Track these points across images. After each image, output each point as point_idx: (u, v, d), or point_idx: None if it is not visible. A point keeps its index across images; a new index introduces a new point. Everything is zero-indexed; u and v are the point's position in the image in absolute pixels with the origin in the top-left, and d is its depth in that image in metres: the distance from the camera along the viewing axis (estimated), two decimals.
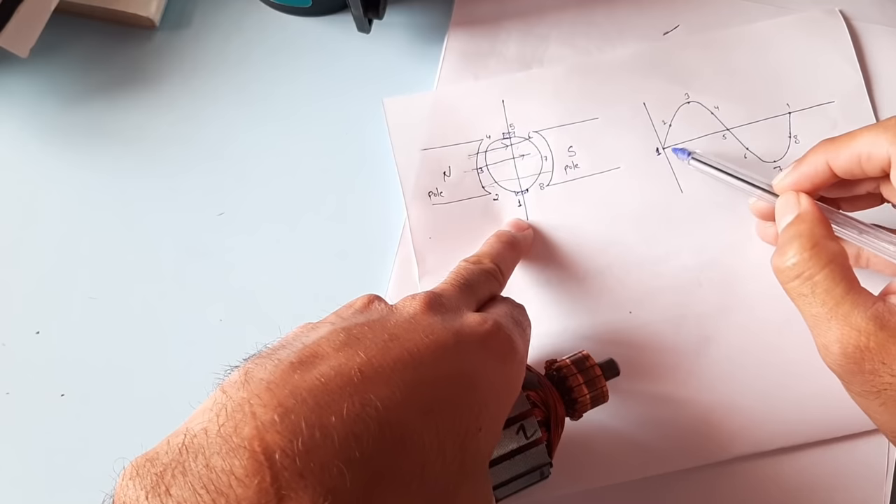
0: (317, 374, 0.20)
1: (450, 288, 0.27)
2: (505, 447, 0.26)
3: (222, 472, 0.17)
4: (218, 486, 0.17)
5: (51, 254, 0.37)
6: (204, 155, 0.39)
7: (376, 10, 0.37)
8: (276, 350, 0.22)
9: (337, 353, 0.21)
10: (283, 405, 0.19)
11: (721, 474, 0.33)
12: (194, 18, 0.41)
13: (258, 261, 0.37)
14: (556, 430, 0.28)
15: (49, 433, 0.34)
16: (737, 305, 0.35)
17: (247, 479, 0.17)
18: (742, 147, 0.38)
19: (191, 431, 0.19)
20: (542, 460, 0.26)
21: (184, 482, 0.17)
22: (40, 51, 0.38)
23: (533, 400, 0.27)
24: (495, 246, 0.32)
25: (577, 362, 0.30)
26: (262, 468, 0.17)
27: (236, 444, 0.18)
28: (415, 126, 0.38)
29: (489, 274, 0.29)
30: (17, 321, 0.36)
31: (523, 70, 0.39)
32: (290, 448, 0.18)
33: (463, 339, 0.23)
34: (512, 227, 0.35)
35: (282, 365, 0.20)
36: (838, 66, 0.39)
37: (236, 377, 0.20)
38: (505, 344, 0.24)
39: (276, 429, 0.18)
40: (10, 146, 0.39)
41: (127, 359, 0.35)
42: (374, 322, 0.23)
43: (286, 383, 0.20)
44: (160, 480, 0.18)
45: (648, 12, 0.41)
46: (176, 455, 0.18)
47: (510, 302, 0.29)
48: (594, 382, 0.29)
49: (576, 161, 0.38)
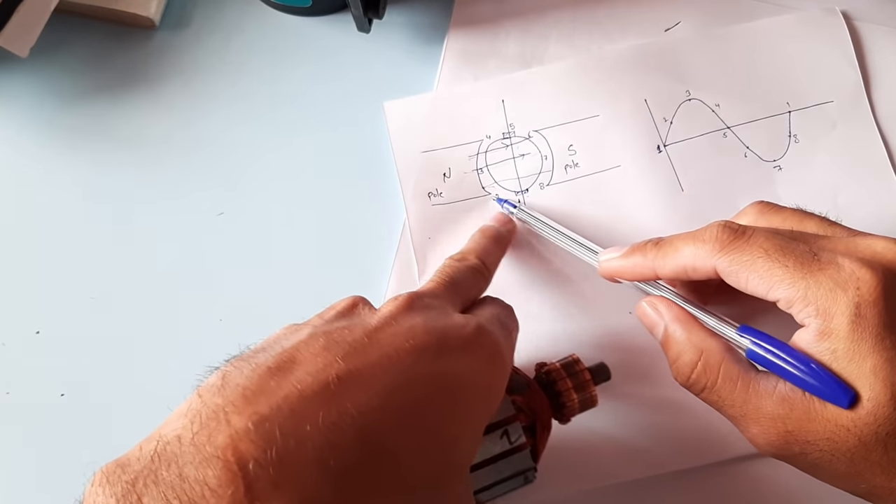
0: (293, 380, 0.19)
1: (434, 287, 0.27)
2: (489, 452, 0.25)
3: (195, 483, 0.17)
4: (191, 496, 0.17)
5: (51, 254, 0.37)
6: (204, 155, 0.39)
7: (376, 10, 0.37)
8: (256, 353, 0.21)
9: (315, 359, 0.20)
10: (258, 413, 0.18)
11: (720, 474, 0.33)
12: (194, 18, 0.41)
13: (258, 261, 0.37)
14: (542, 435, 0.28)
15: (49, 433, 0.34)
16: None
17: (220, 489, 0.17)
18: (742, 146, 0.38)
19: (164, 438, 0.18)
20: (525, 465, 0.26)
21: (156, 492, 0.17)
22: (40, 51, 0.38)
23: (518, 404, 0.27)
24: (480, 242, 0.32)
25: (566, 366, 0.30)
26: (235, 478, 0.17)
27: (210, 453, 0.17)
28: (415, 129, 0.38)
29: (475, 270, 0.29)
30: (17, 321, 0.36)
31: (523, 69, 0.39)
32: (265, 458, 0.17)
33: (445, 342, 0.22)
34: (495, 221, 0.35)
35: (259, 370, 0.20)
36: (838, 65, 0.39)
37: (214, 381, 0.20)
38: (489, 347, 0.24)
39: (250, 437, 0.18)
40: (9, 146, 0.39)
41: (127, 359, 0.35)
42: (355, 326, 0.22)
43: (262, 390, 0.19)
44: (132, 489, 0.17)
45: (649, 9, 0.41)
46: (148, 462, 0.18)
47: (498, 303, 0.28)
48: (583, 387, 0.29)
49: (576, 160, 0.38)
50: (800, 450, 0.23)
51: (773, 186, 0.37)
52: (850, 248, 0.24)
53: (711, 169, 0.37)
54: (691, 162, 0.37)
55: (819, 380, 0.23)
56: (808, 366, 0.23)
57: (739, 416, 0.25)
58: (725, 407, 0.25)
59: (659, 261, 0.27)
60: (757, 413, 0.24)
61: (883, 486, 0.23)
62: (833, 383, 0.22)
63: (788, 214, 0.28)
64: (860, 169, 0.38)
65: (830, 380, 0.22)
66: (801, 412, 0.23)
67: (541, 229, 0.34)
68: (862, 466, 0.23)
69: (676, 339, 0.27)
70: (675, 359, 0.27)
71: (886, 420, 0.22)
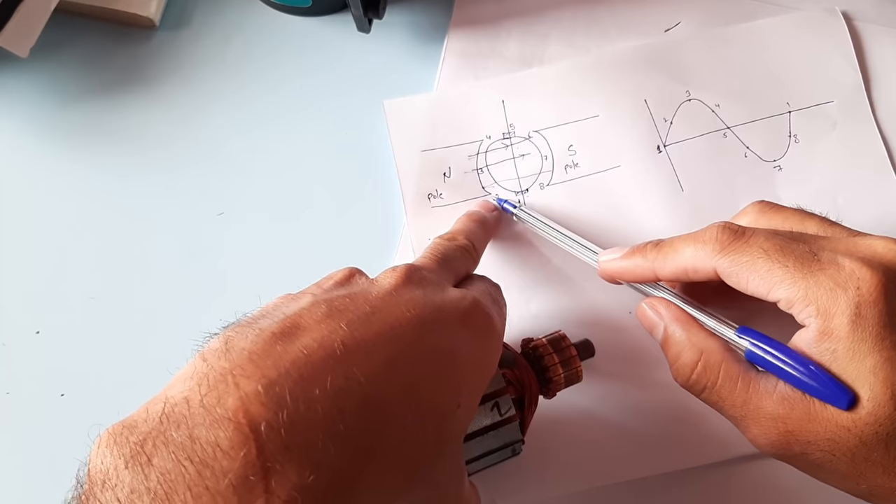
0: (300, 345, 0.20)
1: (429, 262, 0.27)
2: (479, 423, 0.26)
3: (207, 444, 0.17)
4: (203, 457, 0.17)
5: (51, 253, 0.37)
6: (204, 155, 0.39)
7: (376, 10, 0.37)
8: (257, 319, 0.22)
9: (319, 325, 0.20)
10: (267, 377, 0.18)
11: (720, 474, 0.33)
12: (194, 18, 0.41)
13: (258, 261, 0.37)
14: (529, 409, 0.28)
15: (49, 433, 0.34)
16: None
17: (232, 451, 0.17)
18: (742, 146, 0.38)
19: (171, 400, 0.18)
20: (514, 437, 0.27)
21: (166, 452, 0.17)
22: (40, 51, 0.38)
23: (508, 378, 0.28)
24: (467, 224, 0.32)
25: (553, 342, 0.30)
26: (247, 440, 0.17)
27: (220, 415, 0.17)
28: (415, 127, 0.38)
29: (464, 250, 0.29)
30: (17, 321, 0.36)
31: (523, 69, 0.39)
32: (275, 420, 0.18)
33: (444, 314, 0.23)
34: (481, 207, 0.35)
35: (263, 335, 0.20)
36: (838, 65, 0.39)
37: (217, 345, 0.20)
38: (484, 320, 0.24)
39: (260, 400, 0.18)
40: (10, 146, 0.39)
41: (127, 359, 0.35)
42: (356, 295, 0.22)
43: (269, 354, 0.19)
44: (140, 449, 0.17)
45: (649, 9, 0.41)
46: (156, 424, 0.18)
47: (487, 280, 0.29)
48: (569, 362, 0.30)
49: (576, 160, 0.38)
50: (801, 450, 0.23)
51: (773, 186, 0.37)
52: (850, 248, 0.24)
53: (711, 169, 0.37)
54: (691, 162, 0.37)
55: (818, 381, 0.23)
56: (807, 367, 0.23)
57: (740, 416, 0.25)
58: (726, 407, 0.25)
59: (659, 262, 0.27)
60: (757, 413, 0.24)
61: (884, 486, 0.23)
62: (832, 385, 0.22)
63: (789, 214, 0.28)
64: (860, 169, 0.38)
65: (829, 381, 0.22)
66: (801, 412, 0.23)
67: (541, 229, 0.34)
68: (863, 466, 0.23)
69: (676, 339, 0.27)
70: (675, 359, 0.27)
71: (887, 420, 0.22)
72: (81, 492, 0.18)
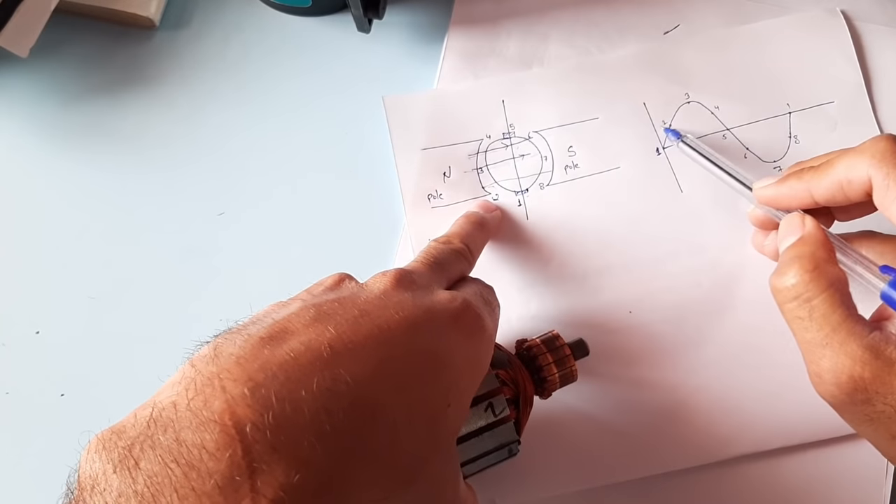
0: (287, 349, 0.20)
1: (420, 266, 0.27)
2: (474, 424, 0.26)
3: (193, 446, 0.17)
4: (189, 459, 0.17)
5: (51, 253, 0.37)
6: (204, 155, 0.39)
7: (376, 10, 0.37)
8: (246, 326, 0.22)
9: (307, 329, 0.21)
10: (254, 379, 0.19)
11: (720, 474, 0.33)
12: (194, 18, 0.41)
13: (258, 261, 0.37)
14: (524, 409, 0.28)
15: (49, 433, 0.34)
16: (736, 305, 0.35)
17: (218, 452, 0.17)
18: (742, 147, 0.38)
19: (159, 405, 0.19)
20: (509, 437, 0.27)
21: (153, 456, 0.17)
22: (40, 51, 0.38)
23: (502, 378, 0.28)
24: (464, 226, 0.32)
25: (546, 342, 0.30)
26: (233, 441, 0.17)
27: (206, 417, 0.18)
28: (415, 124, 0.38)
29: (458, 254, 0.29)
30: (17, 321, 0.36)
31: (523, 70, 0.39)
32: (261, 421, 0.18)
33: (433, 316, 0.23)
34: (480, 207, 0.35)
35: (251, 340, 0.20)
36: (838, 65, 0.39)
37: (206, 352, 0.20)
38: (475, 321, 0.24)
39: (246, 402, 0.18)
40: (10, 146, 0.39)
41: (127, 359, 0.35)
42: (345, 299, 0.23)
43: (256, 358, 0.19)
44: (128, 454, 0.17)
45: (649, 11, 0.41)
46: (144, 429, 0.18)
47: (479, 282, 0.29)
48: (563, 362, 0.30)
49: (576, 161, 0.38)
50: (864, 398, 0.23)
51: None
52: None
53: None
54: (690, 164, 0.37)
55: None
56: None
57: (820, 343, 0.24)
58: (812, 328, 0.24)
59: (815, 180, 0.27)
60: (840, 347, 0.23)
61: None
62: None
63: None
64: None
65: None
66: (884, 362, 0.23)
67: (702, 161, 0.34)
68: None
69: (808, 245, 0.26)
70: (791, 259, 0.26)
71: None
72: (72, 497, 0.18)
